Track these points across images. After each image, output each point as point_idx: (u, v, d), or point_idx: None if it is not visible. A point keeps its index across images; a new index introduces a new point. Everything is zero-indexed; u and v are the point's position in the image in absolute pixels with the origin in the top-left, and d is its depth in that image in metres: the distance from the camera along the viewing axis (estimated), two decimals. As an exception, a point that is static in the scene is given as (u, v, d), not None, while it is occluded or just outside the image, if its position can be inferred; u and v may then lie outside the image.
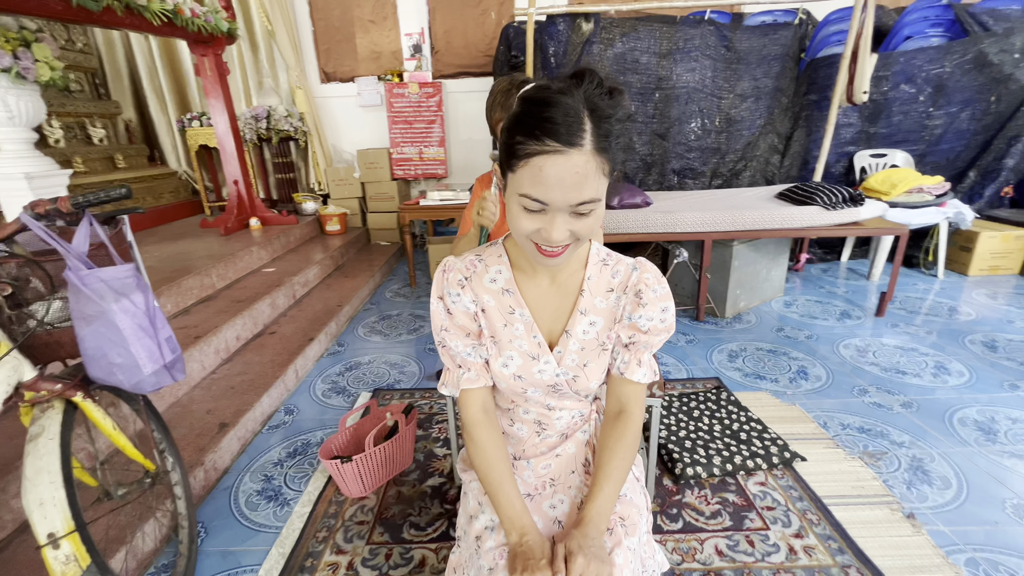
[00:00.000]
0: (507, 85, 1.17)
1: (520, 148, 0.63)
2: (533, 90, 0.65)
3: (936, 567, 1.19)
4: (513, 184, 0.66)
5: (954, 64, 3.09)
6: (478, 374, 0.81)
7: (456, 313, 0.81)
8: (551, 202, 0.63)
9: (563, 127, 0.60)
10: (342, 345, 2.52)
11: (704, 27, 3.13)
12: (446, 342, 0.82)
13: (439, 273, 0.83)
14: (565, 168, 0.61)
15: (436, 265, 3.35)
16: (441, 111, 3.94)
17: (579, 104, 0.61)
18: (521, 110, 0.64)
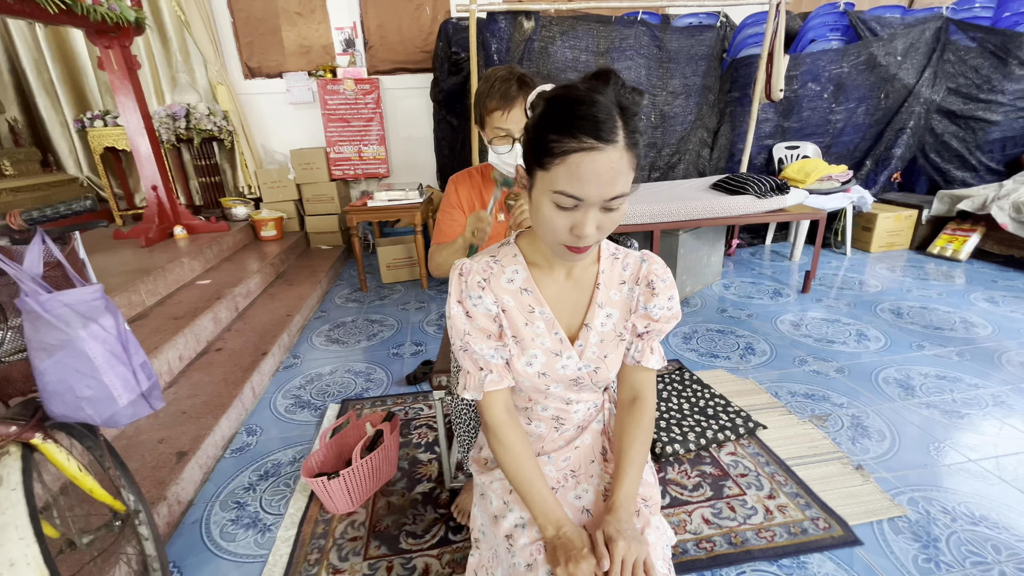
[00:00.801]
0: (506, 74, 1.13)
1: (556, 146, 0.64)
2: (563, 90, 0.66)
3: (885, 509, 1.36)
4: (545, 182, 0.67)
5: (850, 65, 3.48)
6: (500, 375, 0.82)
7: (476, 316, 0.81)
8: (587, 197, 0.65)
9: (599, 125, 0.62)
10: (297, 357, 2.39)
11: (637, 27, 3.28)
12: (469, 346, 0.81)
13: (455, 277, 0.82)
14: (601, 164, 0.63)
15: (386, 268, 3.26)
16: (379, 108, 3.82)
17: (611, 102, 0.63)
18: (553, 109, 0.65)
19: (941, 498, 1.39)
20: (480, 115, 1.19)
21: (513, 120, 1.14)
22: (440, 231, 1.32)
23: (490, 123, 1.16)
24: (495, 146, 1.18)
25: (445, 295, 3.09)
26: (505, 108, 1.12)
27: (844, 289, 2.94)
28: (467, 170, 1.35)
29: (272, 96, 3.85)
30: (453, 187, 1.33)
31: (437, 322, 2.70)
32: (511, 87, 1.12)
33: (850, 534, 1.28)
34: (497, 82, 1.13)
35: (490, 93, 1.13)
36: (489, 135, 1.18)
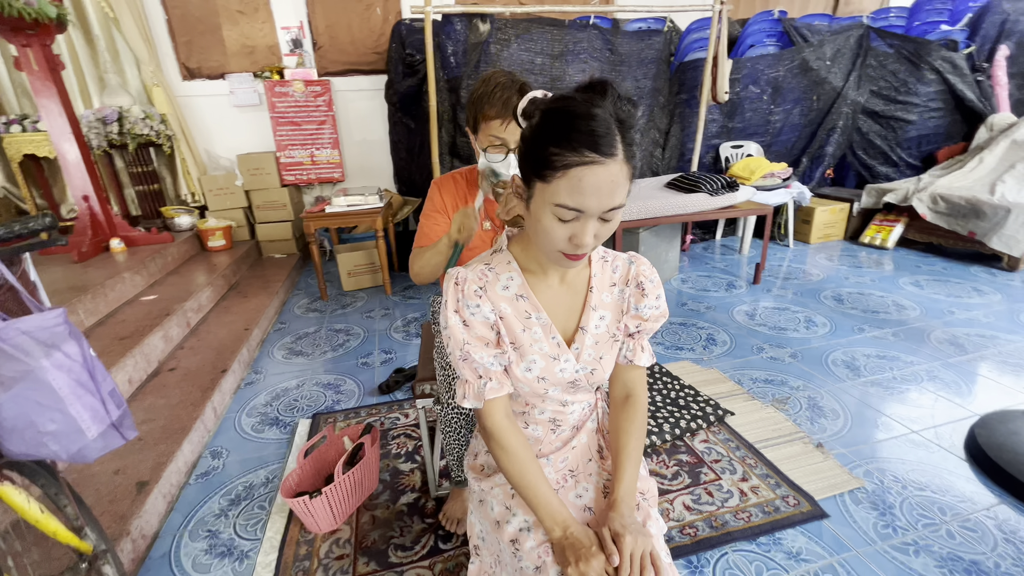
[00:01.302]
0: (507, 81, 1.10)
1: (557, 160, 0.65)
2: (563, 103, 0.67)
3: (845, 482, 1.46)
4: (546, 194, 0.68)
5: (786, 69, 3.71)
6: (500, 382, 0.82)
7: (474, 324, 0.81)
8: (587, 209, 0.67)
9: (600, 139, 0.63)
10: (260, 372, 2.28)
11: (590, 31, 3.35)
12: (469, 355, 0.81)
13: (451, 286, 0.81)
14: (602, 177, 0.65)
15: (347, 275, 3.17)
16: (332, 111, 3.70)
17: (610, 116, 0.65)
18: (553, 123, 0.66)
19: (892, 468, 1.52)
20: (475, 119, 1.15)
21: (512, 131, 1.12)
22: (423, 235, 1.30)
23: (486, 130, 1.13)
24: (489, 154, 1.16)
25: (410, 301, 3.05)
26: (506, 118, 1.10)
27: (790, 279, 3.14)
28: (451, 174, 1.34)
29: (214, 98, 3.65)
30: (437, 191, 1.31)
31: (404, 329, 2.65)
32: (513, 97, 1.08)
33: (817, 508, 1.37)
34: (498, 89, 1.09)
35: (490, 100, 1.10)
36: (483, 142, 1.16)
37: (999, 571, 1.18)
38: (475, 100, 1.15)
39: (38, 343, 0.73)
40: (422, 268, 1.24)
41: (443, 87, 3.18)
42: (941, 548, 1.25)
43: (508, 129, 1.12)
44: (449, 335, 0.81)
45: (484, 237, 1.30)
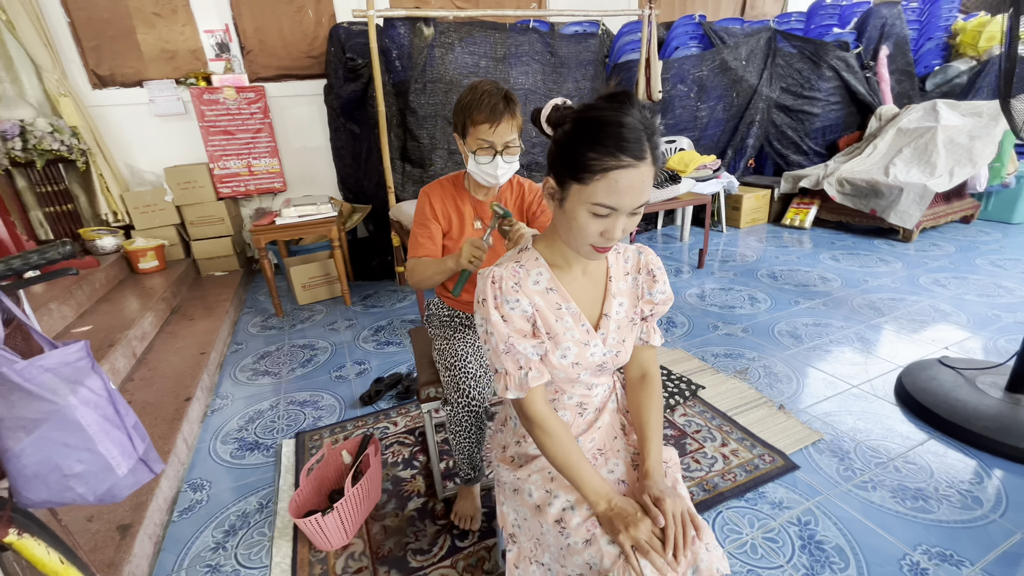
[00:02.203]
0: (493, 88, 1.18)
1: (595, 164, 0.72)
2: (598, 112, 0.73)
3: (807, 436, 1.66)
4: (583, 194, 0.75)
5: (708, 69, 4.02)
6: (539, 371, 0.87)
7: (513, 318, 0.85)
8: (621, 207, 0.74)
9: (634, 145, 0.71)
10: (226, 397, 2.15)
11: (530, 34, 3.45)
12: (513, 347, 0.85)
13: (488, 285, 0.85)
14: (636, 179, 0.72)
15: (301, 289, 3.06)
16: (268, 118, 3.53)
17: (639, 124, 0.72)
18: (591, 130, 0.73)
19: (842, 420, 1.74)
20: (463, 124, 1.22)
21: (499, 134, 1.20)
22: (417, 244, 1.32)
23: (474, 134, 1.20)
24: (478, 156, 1.22)
25: (373, 310, 2.99)
26: (494, 122, 1.18)
27: (728, 262, 3.42)
28: (438, 181, 1.36)
29: (133, 108, 3.36)
30: (426, 199, 1.33)
31: (373, 338, 2.61)
32: (499, 103, 1.17)
33: (789, 462, 1.54)
34: (486, 96, 1.17)
35: (478, 106, 1.17)
36: (472, 146, 1.22)
37: (938, 494, 1.40)
38: (463, 107, 1.22)
39: (63, 380, 0.69)
40: (423, 281, 1.29)
41: (389, 91, 3.14)
42: (891, 482, 1.46)
43: (496, 132, 1.20)
44: (491, 330, 0.85)
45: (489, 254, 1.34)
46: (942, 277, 2.91)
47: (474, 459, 1.35)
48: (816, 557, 1.24)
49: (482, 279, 0.87)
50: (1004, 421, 1.57)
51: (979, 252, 3.29)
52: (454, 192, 1.35)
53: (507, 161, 1.24)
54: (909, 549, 1.24)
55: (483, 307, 0.87)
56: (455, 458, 1.36)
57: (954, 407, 1.66)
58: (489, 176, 1.25)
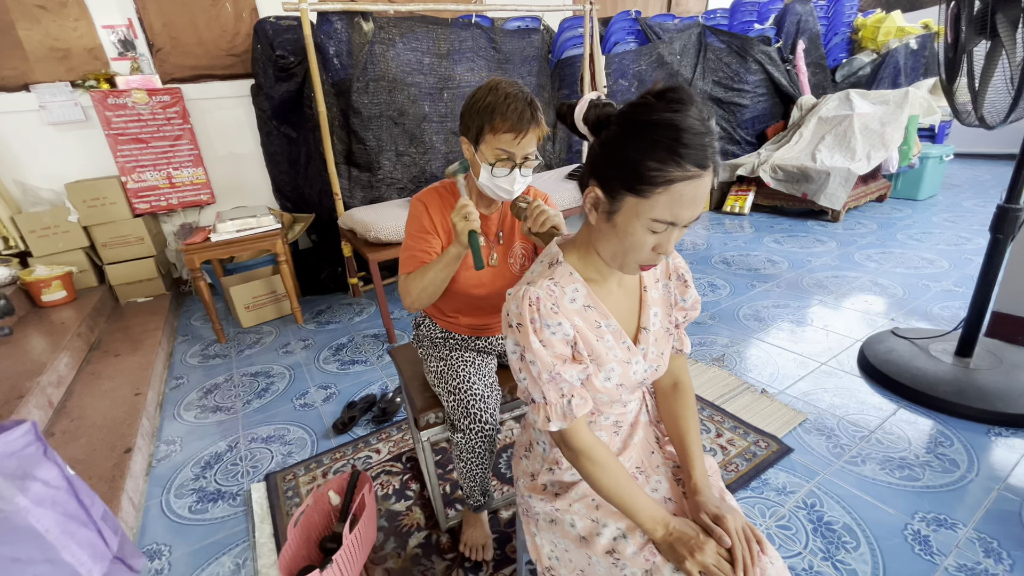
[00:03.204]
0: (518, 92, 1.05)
1: (658, 175, 0.64)
2: (653, 113, 0.64)
3: (793, 418, 1.71)
4: (641, 208, 0.67)
5: (646, 63, 4.12)
6: (582, 397, 0.80)
7: (553, 343, 0.77)
8: (681, 221, 0.68)
9: (701, 151, 0.63)
10: (173, 442, 1.90)
11: (473, 30, 3.34)
12: (559, 375, 0.77)
13: (526, 308, 0.76)
14: (700, 190, 0.66)
15: (244, 310, 2.80)
16: (188, 123, 3.17)
17: (703, 126, 0.64)
18: (653, 136, 0.64)
19: (819, 397, 1.81)
20: (479, 129, 1.06)
21: (523, 146, 1.06)
22: (413, 258, 1.18)
23: (493, 143, 1.05)
24: (495, 169, 1.08)
25: (329, 326, 2.78)
26: (519, 132, 1.04)
27: (681, 251, 3.52)
28: (434, 189, 1.23)
29: (19, 116, 2.89)
30: (423, 209, 1.19)
31: (335, 358, 2.42)
32: (526, 111, 1.03)
33: (783, 445, 1.58)
34: (511, 100, 1.02)
35: (503, 111, 1.02)
36: (488, 156, 1.07)
37: (919, 461, 1.49)
38: (482, 110, 1.05)
39: (7, 477, 0.52)
40: (424, 289, 1.14)
41: (329, 91, 2.92)
42: (877, 454, 1.53)
43: (521, 144, 1.06)
44: (532, 359, 0.77)
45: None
46: (872, 253, 3.16)
47: (486, 485, 1.25)
48: (829, 539, 1.26)
49: (515, 300, 0.78)
50: (960, 385, 1.70)
51: (897, 228, 3.61)
52: (453, 202, 1.20)
53: (524, 175, 1.10)
54: (908, 518, 1.30)
55: (519, 333, 0.78)
56: (464, 486, 1.25)
57: (915, 376, 1.78)
58: (503, 191, 1.11)
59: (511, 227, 1.25)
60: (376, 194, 3.20)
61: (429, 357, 1.29)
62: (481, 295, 1.24)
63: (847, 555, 1.22)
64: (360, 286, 3.22)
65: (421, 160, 3.34)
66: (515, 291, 0.80)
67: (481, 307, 1.27)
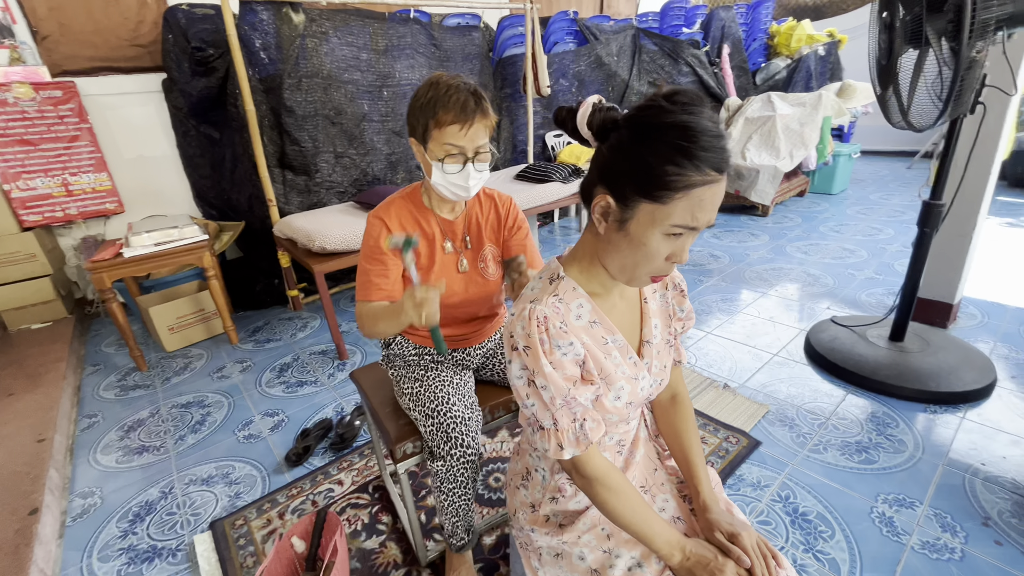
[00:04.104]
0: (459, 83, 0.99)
1: (678, 180, 0.60)
2: (667, 116, 0.61)
3: (756, 411, 1.77)
4: (658, 214, 0.63)
5: (585, 64, 4.16)
6: (594, 421, 0.75)
7: (564, 365, 0.72)
8: (700, 227, 0.64)
9: (719, 154, 0.61)
10: (90, 494, 1.64)
11: (412, 25, 3.20)
12: (573, 400, 0.71)
13: (534, 329, 0.70)
14: (718, 194, 0.63)
15: (168, 332, 2.51)
16: (86, 122, 2.78)
17: (718, 129, 0.61)
18: (664, 138, 0.60)
19: (776, 388, 1.89)
20: (424, 127, 1.02)
21: (471, 137, 1.01)
22: (369, 285, 1.08)
23: (439, 138, 1.01)
24: (446, 165, 1.03)
25: (269, 345, 2.55)
26: (464, 123, 0.99)
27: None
28: (391, 201, 1.13)
29: None
30: (381, 226, 1.09)
31: (280, 380, 2.21)
32: (469, 100, 0.99)
33: (752, 439, 1.63)
34: (452, 91, 0.98)
35: (444, 103, 0.98)
36: (437, 152, 1.02)
37: (872, 443, 1.59)
38: (423, 106, 1.01)
39: None
40: (375, 334, 1.07)
41: (257, 88, 2.67)
42: (835, 440, 1.61)
43: (469, 135, 1.01)
44: (544, 384, 0.71)
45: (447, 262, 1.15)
46: (801, 245, 3.38)
47: (470, 520, 1.17)
48: (807, 530, 1.30)
49: (520, 321, 0.72)
50: (898, 368, 1.84)
51: (818, 220, 3.90)
52: (414, 211, 1.13)
53: (479, 169, 1.06)
54: (872, 501, 1.37)
55: (527, 356, 0.71)
56: (446, 523, 1.15)
57: (859, 362, 1.90)
58: (459, 189, 1.06)
59: (478, 229, 1.19)
60: (314, 199, 2.98)
61: (402, 378, 1.18)
62: (455, 304, 1.16)
63: (825, 544, 1.26)
64: (301, 298, 2.99)
65: (362, 162, 3.15)
66: (518, 311, 0.73)
67: (456, 316, 1.19)
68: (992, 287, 2.54)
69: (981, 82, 1.49)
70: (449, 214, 1.16)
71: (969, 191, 1.90)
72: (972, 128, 1.71)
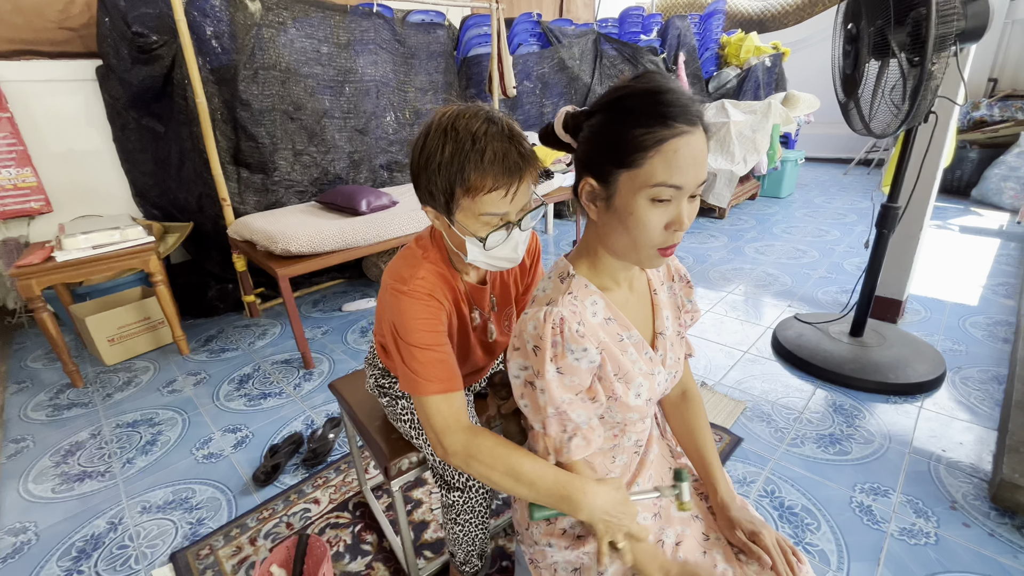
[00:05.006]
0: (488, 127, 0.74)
1: (647, 138, 0.60)
2: (635, 86, 0.62)
3: (735, 407, 1.81)
4: (638, 179, 0.62)
5: (548, 66, 4.17)
6: (587, 439, 0.74)
7: (576, 371, 0.70)
8: (685, 184, 0.63)
9: (687, 107, 0.61)
10: (23, 530, 1.44)
11: (375, 20, 3.09)
12: (565, 413, 0.70)
13: (548, 331, 0.68)
14: (695, 146, 0.62)
15: (107, 344, 2.30)
16: (6, 111, 2.49)
17: (681, 89, 0.62)
18: (634, 105, 0.61)
19: (751, 384, 1.95)
20: (446, 195, 0.76)
21: (518, 200, 0.78)
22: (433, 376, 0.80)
23: (474, 209, 0.76)
24: (491, 237, 0.79)
25: (225, 355, 2.37)
26: (507, 187, 0.75)
27: (596, 250, 3.62)
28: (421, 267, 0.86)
29: None
30: (424, 309, 0.83)
31: (241, 393, 2.05)
32: (511, 152, 0.73)
33: (734, 436, 1.66)
34: (483, 141, 0.72)
35: (473, 163, 0.72)
36: (471, 225, 0.78)
37: (843, 435, 1.66)
38: (444, 167, 0.74)
39: None
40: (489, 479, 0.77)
41: (208, 79, 2.49)
42: (810, 432, 1.67)
43: (516, 198, 0.77)
44: (542, 387, 0.69)
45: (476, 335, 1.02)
46: (758, 246, 3.54)
47: (485, 547, 1.11)
48: (795, 523, 1.34)
49: (533, 321, 0.69)
50: (860, 362, 1.94)
51: (771, 223, 4.10)
52: (448, 277, 0.90)
53: (524, 229, 0.83)
54: (851, 491, 1.43)
55: (534, 356, 0.70)
56: (459, 551, 1.07)
57: (825, 357, 1.99)
58: (505, 261, 0.84)
59: (503, 287, 1.01)
60: (273, 198, 2.81)
61: (397, 403, 1.10)
62: (481, 368, 1.11)
63: (813, 536, 1.30)
64: (258, 304, 2.81)
65: (323, 160, 3.00)
66: (534, 312, 0.70)
67: (482, 369, 1.13)
68: (931, 285, 2.74)
69: (934, 92, 1.60)
70: (474, 276, 0.95)
71: (918, 195, 2.03)
72: (924, 136, 1.83)
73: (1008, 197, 4.04)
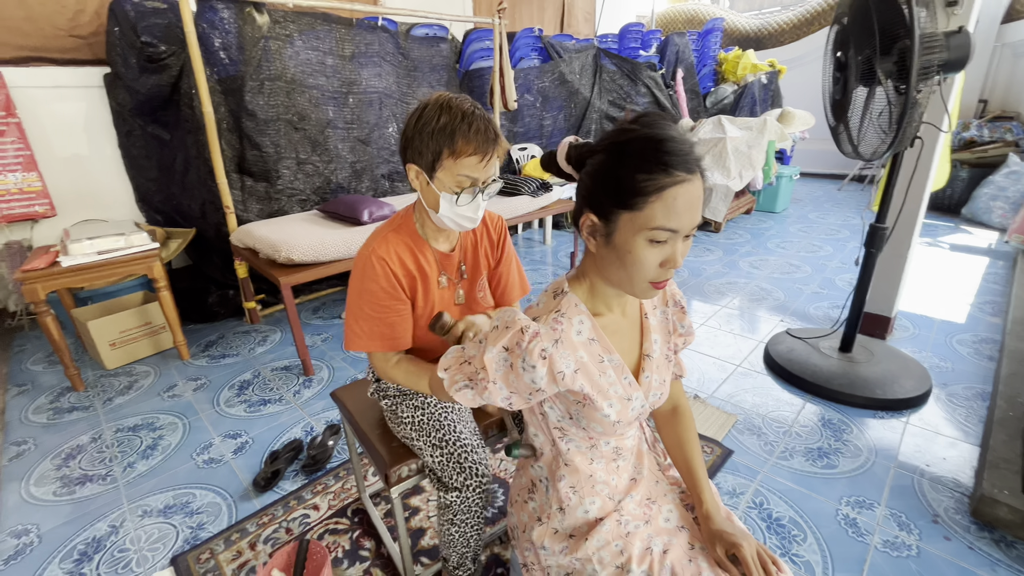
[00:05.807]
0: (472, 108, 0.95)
1: (648, 185, 0.65)
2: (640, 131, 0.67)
3: (726, 420, 1.85)
4: (637, 221, 0.67)
5: (549, 80, 4.25)
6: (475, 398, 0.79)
7: (518, 378, 0.74)
8: (681, 228, 0.68)
9: (686, 157, 0.65)
10: (25, 532, 1.46)
11: (380, 33, 3.15)
12: (488, 389, 0.76)
13: (516, 332, 0.73)
14: (692, 193, 0.67)
15: (109, 348, 2.33)
16: (14, 117, 2.53)
17: (682, 137, 0.67)
18: (638, 151, 0.66)
19: (742, 397, 1.99)
20: (434, 156, 0.95)
21: (490, 168, 0.98)
22: (382, 335, 1.03)
23: (454, 169, 0.95)
24: (461, 197, 0.97)
25: (226, 360, 2.40)
26: (485, 154, 0.95)
27: (593, 261, 3.68)
28: (383, 235, 1.05)
29: None
30: (383, 268, 1.01)
31: (241, 399, 2.08)
32: (488, 129, 0.94)
33: (725, 448, 1.70)
34: (470, 119, 0.92)
35: (463, 132, 0.92)
36: (449, 183, 0.96)
37: (831, 448, 1.70)
38: (436, 132, 0.93)
39: None
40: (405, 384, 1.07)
41: (215, 89, 2.54)
42: (798, 445, 1.71)
43: (488, 166, 0.97)
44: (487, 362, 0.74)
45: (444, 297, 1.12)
46: (753, 260, 3.59)
47: (479, 549, 1.14)
48: (782, 535, 1.37)
49: (516, 326, 0.74)
50: (849, 377, 1.99)
51: (766, 237, 4.16)
52: (411, 245, 1.06)
53: (487, 197, 1.02)
54: (837, 503, 1.47)
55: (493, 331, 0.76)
56: (454, 554, 1.11)
57: (815, 372, 2.04)
58: (468, 220, 1.02)
59: (473, 258, 1.16)
60: (275, 207, 2.86)
61: (398, 407, 1.14)
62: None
63: (799, 548, 1.33)
64: (259, 311, 2.84)
65: (325, 169, 3.05)
66: (520, 315, 0.76)
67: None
68: (920, 302, 2.80)
69: (919, 119, 1.66)
70: (444, 244, 1.10)
71: (905, 216, 2.09)
72: (910, 160, 1.89)
73: (997, 216, 4.12)
